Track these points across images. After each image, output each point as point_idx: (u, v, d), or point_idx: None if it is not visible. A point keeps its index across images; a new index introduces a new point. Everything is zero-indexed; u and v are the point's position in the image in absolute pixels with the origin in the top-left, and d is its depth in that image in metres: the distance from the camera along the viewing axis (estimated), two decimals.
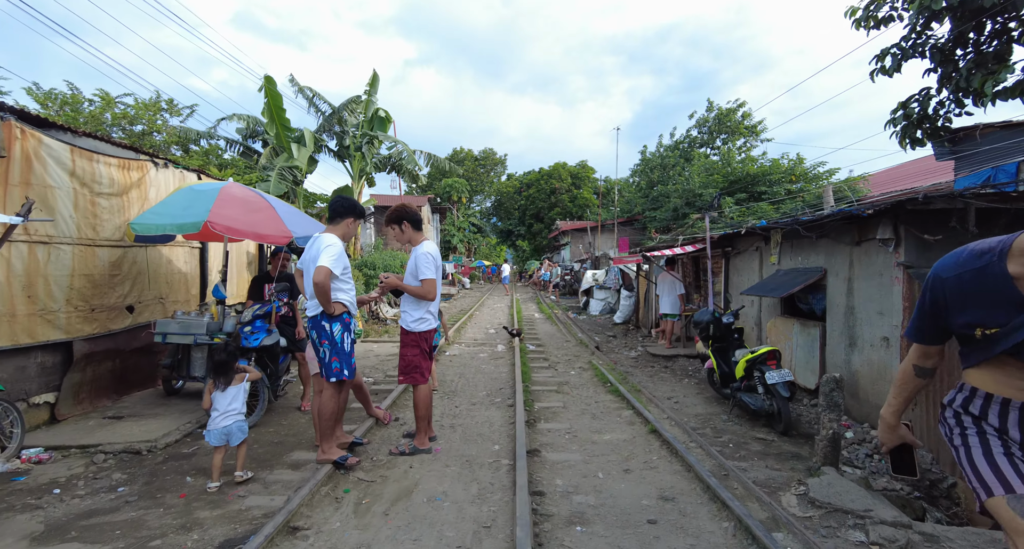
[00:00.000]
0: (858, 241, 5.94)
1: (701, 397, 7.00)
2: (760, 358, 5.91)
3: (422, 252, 4.27)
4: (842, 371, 6.17)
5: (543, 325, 14.99)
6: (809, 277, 6.60)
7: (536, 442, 4.88)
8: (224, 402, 3.94)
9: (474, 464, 4.27)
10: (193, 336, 5.42)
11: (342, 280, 3.94)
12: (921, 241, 5.18)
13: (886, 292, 5.48)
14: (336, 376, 3.90)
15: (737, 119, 28.98)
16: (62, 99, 14.75)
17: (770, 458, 4.91)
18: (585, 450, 4.72)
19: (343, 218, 4.07)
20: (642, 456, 4.58)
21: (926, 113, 7.65)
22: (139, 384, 6.20)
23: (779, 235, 7.58)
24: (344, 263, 3.91)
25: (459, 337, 12.18)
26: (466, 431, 5.15)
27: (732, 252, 9.28)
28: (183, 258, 7.03)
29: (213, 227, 4.97)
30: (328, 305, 3.79)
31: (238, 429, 3.95)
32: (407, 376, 4.33)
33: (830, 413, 4.64)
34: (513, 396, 6.31)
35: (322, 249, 3.79)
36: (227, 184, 5.66)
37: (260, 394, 5.41)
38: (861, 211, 5.36)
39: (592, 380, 7.73)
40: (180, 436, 4.85)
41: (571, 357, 9.73)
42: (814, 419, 6.10)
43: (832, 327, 6.38)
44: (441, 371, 8.12)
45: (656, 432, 5.06)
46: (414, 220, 4.43)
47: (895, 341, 5.32)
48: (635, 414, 5.84)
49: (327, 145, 18.36)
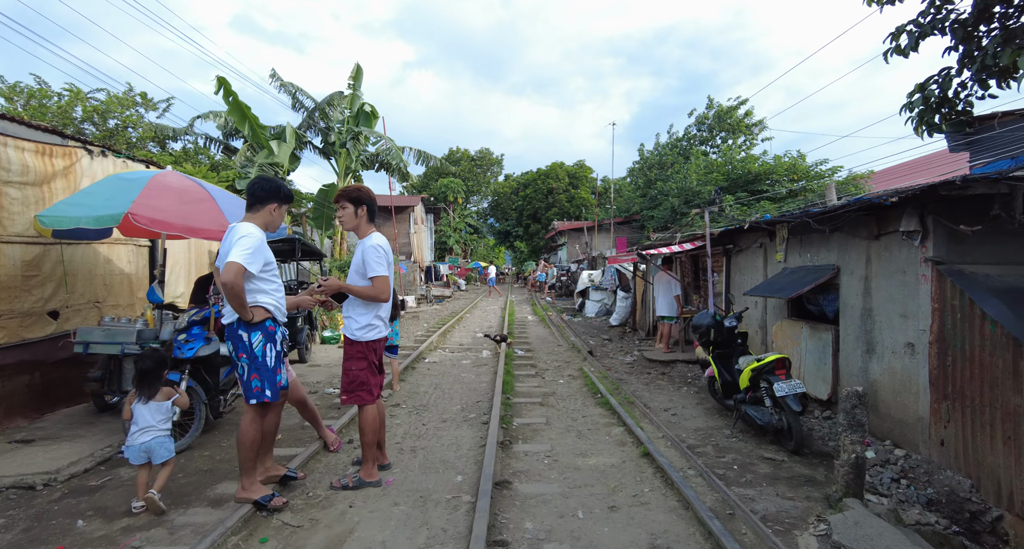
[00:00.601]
0: (877, 235, 5.28)
1: (701, 408, 6.33)
2: (767, 367, 5.25)
3: (371, 245, 3.60)
4: (858, 380, 5.51)
5: (535, 328, 14.30)
6: (820, 276, 5.97)
7: (509, 469, 4.18)
8: (145, 416, 3.48)
9: (429, 501, 3.56)
10: (120, 346, 4.72)
11: (263, 279, 3.25)
12: (953, 233, 4.52)
13: (911, 292, 4.81)
14: (256, 397, 3.21)
15: (738, 117, 28.34)
16: (28, 92, 14.05)
17: (780, 483, 4.24)
18: (566, 479, 4.02)
19: (264, 204, 3.37)
20: (632, 487, 3.88)
21: (946, 96, 7.00)
22: (67, 400, 5.49)
23: (785, 230, 6.92)
24: (265, 258, 3.22)
25: (444, 342, 11.48)
26: (428, 456, 4.44)
27: (733, 250, 8.63)
28: (126, 257, 6.33)
29: (135, 220, 4.29)
30: (243, 310, 3.10)
31: (159, 445, 3.50)
32: (351, 395, 3.64)
33: (852, 434, 3.95)
34: (490, 411, 5.61)
35: (234, 242, 3.10)
36: (161, 172, 4.97)
37: (196, 411, 4.71)
38: (883, 199, 4.68)
39: (581, 390, 7.04)
40: (92, 464, 4.14)
41: (561, 363, 9.04)
42: (827, 434, 5.44)
43: (846, 331, 5.72)
44: (415, 381, 7.42)
45: (649, 456, 4.37)
46: (372, 208, 3.76)
47: (922, 348, 4.65)
48: (626, 432, 5.16)
49: (311, 142, 17.72)
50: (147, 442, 3.45)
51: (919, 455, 4.65)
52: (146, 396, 3.53)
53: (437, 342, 11.06)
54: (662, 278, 9.77)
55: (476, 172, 59.85)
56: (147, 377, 3.56)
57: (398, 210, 29.52)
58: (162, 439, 3.52)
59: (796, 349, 6.58)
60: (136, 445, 3.43)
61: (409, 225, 30.64)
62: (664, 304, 9.64)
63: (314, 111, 17.03)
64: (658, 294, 9.78)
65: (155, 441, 3.47)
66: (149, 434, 3.47)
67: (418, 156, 19.80)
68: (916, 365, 4.74)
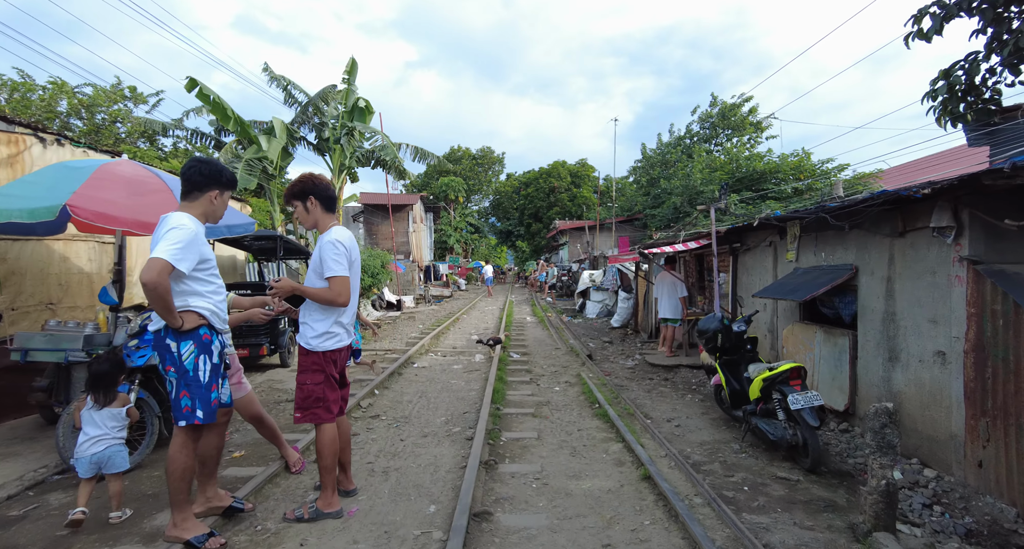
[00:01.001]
0: (902, 231, 4.80)
1: (707, 419, 5.86)
2: (781, 377, 4.77)
3: (328, 241, 3.12)
4: (879, 391, 5.03)
5: (533, 330, 13.81)
6: (836, 276, 5.49)
7: (492, 495, 3.69)
8: (98, 424, 3.22)
9: (393, 539, 3.05)
10: (64, 353, 4.27)
11: (197, 279, 2.76)
12: (993, 229, 4.03)
13: (942, 295, 4.33)
14: (185, 418, 2.72)
15: (742, 114, 27.77)
16: (12, 85, 13.63)
17: (797, 509, 3.76)
18: (555, 508, 3.53)
19: (203, 190, 2.88)
20: (630, 518, 3.39)
21: (972, 83, 6.49)
22: (13, 411, 5.04)
23: (797, 227, 6.44)
24: (201, 255, 2.73)
25: (436, 344, 11.00)
26: (401, 480, 3.94)
27: (741, 248, 8.14)
28: (86, 255, 5.86)
29: (75, 212, 3.83)
30: (169, 316, 2.62)
31: (116, 454, 3.24)
32: (306, 412, 3.16)
33: (882, 457, 3.46)
34: (477, 424, 5.12)
35: (162, 235, 2.62)
36: (113, 160, 4.50)
37: (148, 425, 4.25)
38: (912, 191, 4.18)
39: (578, 399, 6.55)
40: (19, 489, 3.66)
41: (558, 368, 8.55)
42: (846, 450, 4.96)
43: (866, 336, 5.25)
44: (399, 389, 6.92)
45: (651, 479, 3.88)
46: (324, 196, 3.26)
47: (955, 357, 4.16)
48: (625, 448, 4.67)
49: (305, 138, 17.25)
50: (100, 452, 3.18)
51: (953, 477, 4.17)
52: (100, 401, 3.27)
53: (429, 345, 10.58)
54: (665, 278, 9.28)
55: (477, 171, 59.34)
56: (103, 381, 3.29)
57: (396, 209, 29.07)
58: (118, 448, 3.27)
59: (809, 355, 6.10)
60: (87, 456, 3.16)
61: (408, 224, 30.18)
62: (667, 306, 9.15)
63: (307, 106, 16.56)
64: (661, 295, 9.29)
65: (110, 450, 3.22)
66: (103, 443, 3.20)
67: (415, 153, 19.31)
68: (948, 376, 4.26)
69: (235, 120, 13.17)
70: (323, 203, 3.25)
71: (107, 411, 3.26)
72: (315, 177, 3.28)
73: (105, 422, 3.23)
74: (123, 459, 3.27)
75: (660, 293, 9.31)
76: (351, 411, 5.64)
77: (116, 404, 3.32)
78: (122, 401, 3.36)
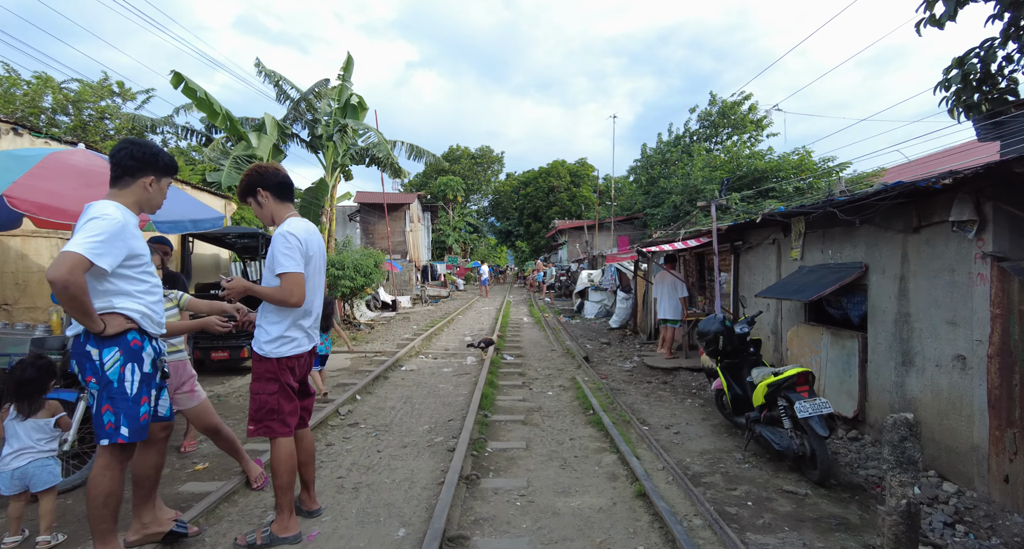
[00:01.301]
0: (916, 227, 4.47)
1: (707, 425, 5.53)
2: (787, 382, 4.45)
3: (279, 233, 2.78)
4: (892, 397, 4.70)
5: (529, 331, 13.47)
6: (845, 275, 5.17)
7: (470, 515, 3.35)
8: (21, 436, 2.93)
9: None
10: (8, 358, 3.92)
11: (125, 277, 2.41)
12: (1019, 223, 3.73)
13: (962, 294, 4.00)
14: (108, 436, 2.38)
15: (742, 112, 27.43)
16: None
17: (807, 527, 3.44)
18: (539, 530, 3.19)
19: (136, 176, 2.52)
20: (622, 543, 3.05)
21: (988, 71, 6.15)
22: None
23: (802, 224, 6.11)
24: (130, 249, 2.38)
25: (427, 346, 10.66)
26: (372, 497, 3.59)
27: (743, 246, 7.81)
28: (47, 252, 5.52)
29: (12, 203, 3.49)
30: (86, 319, 2.27)
31: (41, 468, 2.93)
32: (259, 425, 2.83)
33: (903, 474, 3.13)
34: (461, 433, 4.77)
35: (80, 226, 2.28)
36: (65, 149, 4.16)
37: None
38: (931, 182, 3.85)
39: (572, 404, 6.21)
40: None
41: (553, 371, 8.21)
42: (856, 460, 4.63)
43: (876, 339, 4.93)
44: (383, 395, 6.57)
45: (646, 496, 3.54)
46: (273, 184, 2.91)
47: (977, 362, 3.83)
48: (619, 460, 4.33)
49: (298, 135, 16.92)
50: (23, 467, 2.90)
51: (975, 492, 3.83)
52: (24, 411, 2.97)
53: (420, 347, 10.23)
54: (665, 278, 8.94)
55: (476, 170, 58.99)
56: (26, 388, 2.99)
57: (393, 208, 28.75)
58: (44, 461, 2.96)
59: (815, 358, 5.78)
60: (7, 472, 2.88)
61: (404, 223, 29.85)
62: (667, 306, 8.81)
63: (299, 102, 16.24)
64: (660, 295, 8.95)
65: (34, 464, 2.92)
66: (26, 457, 2.91)
67: (411, 151, 18.96)
68: (969, 382, 3.92)
69: (223, 116, 12.84)
70: (274, 192, 2.91)
71: (31, 422, 2.94)
72: (260, 167, 2.94)
73: (29, 434, 2.92)
74: (51, 474, 2.95)
75: (659, 293, 8.98)
76: (328, 419, 5.30)
77: (43, 414, 3.01)
78: (51, 410, 3.05)
